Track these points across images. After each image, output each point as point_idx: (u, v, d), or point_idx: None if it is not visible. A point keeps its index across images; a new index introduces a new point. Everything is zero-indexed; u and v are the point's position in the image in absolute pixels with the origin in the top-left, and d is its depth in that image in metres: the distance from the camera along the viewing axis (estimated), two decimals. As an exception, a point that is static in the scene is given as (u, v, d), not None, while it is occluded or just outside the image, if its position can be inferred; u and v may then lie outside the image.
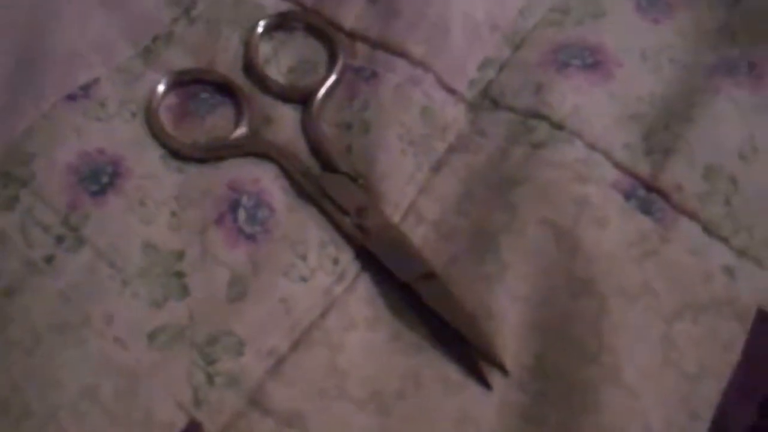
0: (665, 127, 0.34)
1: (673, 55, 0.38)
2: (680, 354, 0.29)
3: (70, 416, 0.27)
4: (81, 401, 0.27)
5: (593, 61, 0.36)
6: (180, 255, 0.31)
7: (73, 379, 0.28)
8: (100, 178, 0.33)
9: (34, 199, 0.32)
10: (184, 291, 0.31)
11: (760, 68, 0.36)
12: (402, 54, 0.37)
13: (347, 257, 0.32)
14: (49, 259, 0.30)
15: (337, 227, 0.33)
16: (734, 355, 0.29)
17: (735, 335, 0.30)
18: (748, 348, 0.30)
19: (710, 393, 0.29)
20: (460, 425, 0.28)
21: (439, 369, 0.30)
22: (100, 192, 0.32)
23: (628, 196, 0.32)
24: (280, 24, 0.39)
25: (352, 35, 0.38)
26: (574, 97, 0.35)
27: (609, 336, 0.29)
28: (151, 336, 0.29)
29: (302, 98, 0.36)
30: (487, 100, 0.36)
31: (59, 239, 0.31)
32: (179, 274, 0.31)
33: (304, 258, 0.32)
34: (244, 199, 0.33)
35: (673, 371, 0.29)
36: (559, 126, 0.34)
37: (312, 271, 0.32)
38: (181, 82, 0.37)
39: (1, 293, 0.30)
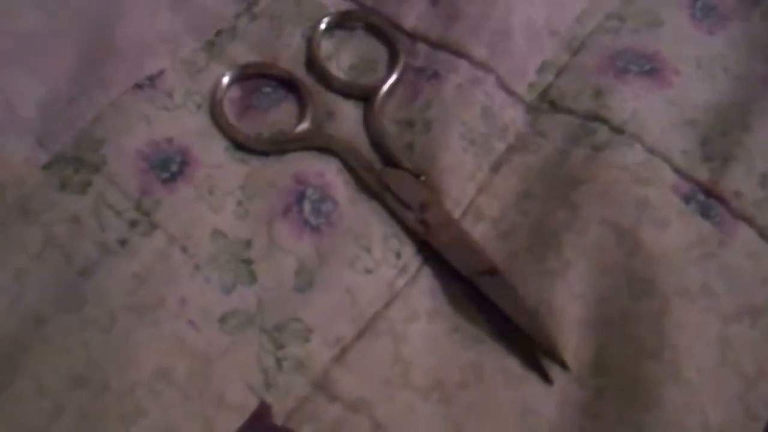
0: (722, 134, 0.35)
1: (726, 64, 0.39)
2: (738, 355, 0.30)
3: (147, 393, 0.28)
4: (156, 380, 0.28)
5: (650, 68, 0.37)
6: (248, 243, 0.33)
7: (149, 358, 0.29)
8: (169, 166, 0.34)
9: (107, 184, 0.33)
10: (253, 278, 0.32)
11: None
12: (464, 55, 0.38)
13: (410, 251, 0.33)
14: (123, 242, 0.31)
15: (400, 221, 0.34)
16: None
17: (792, 337, 0.31)
18: (804, 352, 0.30)
19: (767, 394, 0.29)
20: (521, 417, 0.29)
21: (500, 361, 0.31)
22: (171, 179, 0.33)
23: (687, 199, 0.33)
24: (341, 22, 0.40)
25: (413, 35, 0.39)
26: (633, 102, 0.36)
27: (669, 334, 0.30)
28: (222, 320, 0.30)
29: (364, 95, 0.37)
30: (546, 102, 0.37)
31: (132, 223, 0.32)
32: (247, 262, 0.32)
33: (368, 250, 0.33)
34: (309, 192, 0.34)
35: (731, 371, 0.30)
36: (619, 130, 0.35)
37: (376, 263, 0.33)
38: (244, 76, 0.38)
39: (77, 273, 0.31)
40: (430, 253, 0.33)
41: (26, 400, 0.28)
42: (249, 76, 0.38)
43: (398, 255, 0.33)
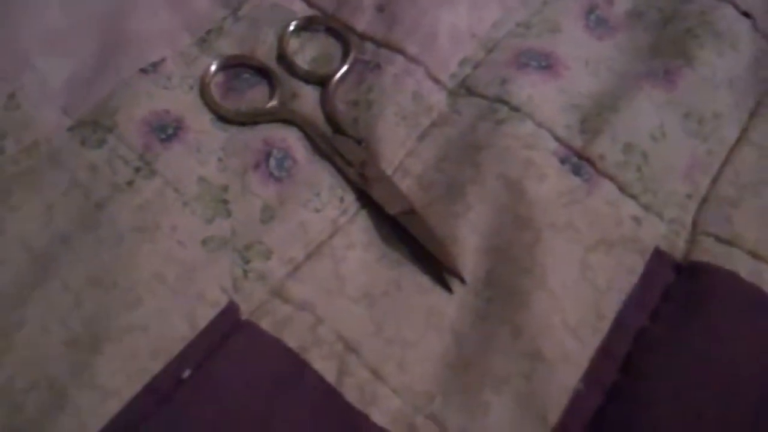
0: (597, 114, 0.44)
1: (610, 65, 0.47)
2: (594, 274, 0.38)
3: (145, 290, 0.36)
4: (153, 280, 0.37)
5: (546, 64, 0.46)
6: (225, 188, 0.41)
7: (148, 266, 0.37)
8: (167, 129, 0.42)
9: (118, 141, 0.41)
10: (228, 213, 0.40)
11: (673, 75, 0.45)
12: (400, 51, 0.46)
13: (350, 197, 0.42)
14: (130, 183, 0.40)
15: (344, 176, 0.42)
16: (634, 278, 0.39)
17: (636, 264, 0.39)
18: (645, 274, 0.39)
19: (614, 302, 0.38)
20: (428, 317, 0.37)
21: (415, 278, 0.39)
22: (167, 139, 0.42)
23: (563, 161, 0.42)
24: (306, 25, 0.49)
25: (363, 36, 0.48)
26: (529, 89, 0.44)
27: (540, 256, 0.38)
28: (204, 242, 0.39)
29: (321, 81, 0.46)
30: (464, 89, 0.46)
31: (137, 170, 0.40)
32: (224, 201, 0.40)
33: (318, 195, 0.41)
34: (275, 152, 0.42)
35: (588, 285, 0.38)
36: (516, 109, 0.43)
37: (324, 205, 0.41)
38: (228, 65, 0.46)
39: (94, 205, 0.39)
40: (366, 200, 0.41)
41: (54, 295, 0.36)
42: (231, 65, 0.46)
43: (341, 200, 0.41)
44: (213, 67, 0.46)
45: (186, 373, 0.35)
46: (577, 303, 0.37)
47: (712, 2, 0.49)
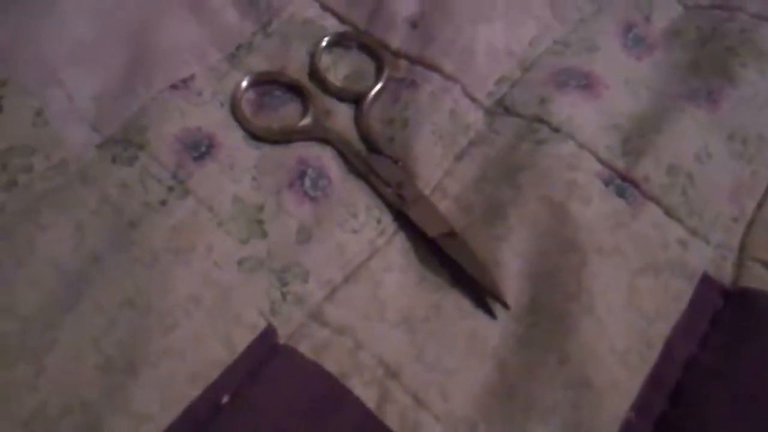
0: (639, 135, 0.43)
1: (649, 83, 0.47)
2: (641, 299, 0.37)
3: (181, 313, 0.35)
4: (188, 303, 0.36)
5: (586, 83, 0.45)
6: (260, 207, 0.40)
7: (183, 288, 0.36)
8: (199, 147, 0.41)
9: (150, 159, 0.40)
10: (264, 233, 0.39)
11: (716, 95, 0.45)
12: (436, 69, 0.46)
13: (388, 218, 0.41)
14: (163, 203, 0.39)
15: (381, 196, 0.41)
16: (682, 305, 0.38)
17: (684, 290, 0.38)
18: (693, 300, 0.38)
19: (662, 330, 0.37)
20: (471, 343, 0.36)
21: (456, 302, 0.38)
22: (200, 157, 0.41)
23: (607, 183, 0.41)
24: (338, 41, 0.48)
25: (397, 53, 0.47)
26: (569, 109, 0.43)
27: (586, 281, 0.37)
28: (240, 262, 0.38)
29: (355, 98, 0.45)
30: (501, 108, 0.45)
31: (170, 189, 0.39)
32: (260, 221, 0.39)
33: (354, 216, 0.40)
34: (309, 171, 0.42)
35: (635, 311, 0.37)
36: (556, 129, 0.43)
37: (361, 225, 0.40)
38: (259, 81, 0.46)
39: (126, 225, 0.38)
40: (404, 220, 0.40)
41: (87, 317, 0.35)
42: (263, 81, 0.46)
43: (379, 221, 0.41)
44: (244, 84, 0.45)
45: (225, 399, 0.33)
46: (624, 330, 0.36)
47: (753, 20, 0.48)
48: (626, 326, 0.37)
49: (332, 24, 0.49)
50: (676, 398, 0.35)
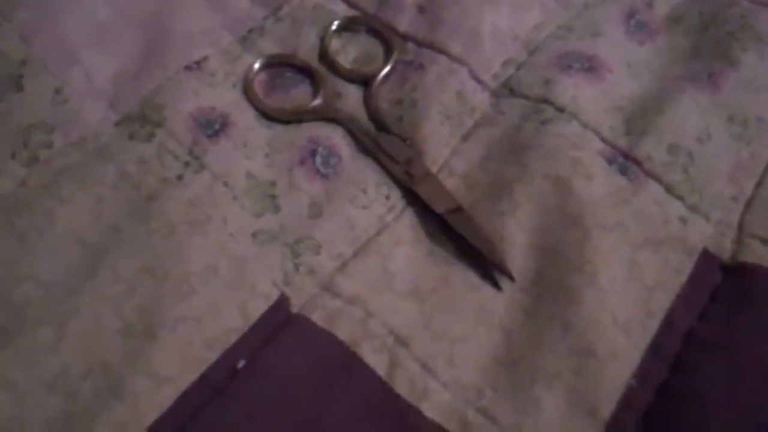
0: (642, 116, 0.44)
1: (651, 67, 0.48)
2: (642, 272, 0.38)
3: (198, 281, 0.37)
4: (206, 273, 0.37)
5: (589, 66, 0.46)
6: (272, 183, 0.41)
7: (200, 258, 0.37)
8: (213, 125, 0.43)
9: (166, 136, 0.41)
10: (277, 208, 0.40)
11: (716, 77, 0.46)
12: (443, 52, 0.47)
13: (397, 194, 0.42)
14: (180, 177, 0.40)
15: (389, 173, 0.42)
16: (683, 278, 0.39)
17: (684, 264, 0.39)
18: (693, 274, 0.39)
19: (663, 301, 0.38)
20: (477, 313, 0.38)
21: (463, 274, 0.39)
22: (214, 135, 0.42)
23: (610, 161, 0.42)
24: (348, 26, 0.49)
25: (404, 36, 0.48)
26: (573, 90, 0.45)
27: (589, 254, 0.38)
28: (254, 235, 0.39)
29: (364, 80, 0.46)
30: (507, 89, 0.46)
31: (186, 164, 0.41)
32: (272, 196, 0.41)
33: (364, 192, 0.41)
34: (320, 149, 0.43)
35: (636, 283, 0.38)
36: (561, 110, 0.44)
37: (370, 201, 0.41)
38: (270, 64, 0.47)
39: (144, 198, 0.39)
40: (412, 197, 0.41)
41: (106, 284, 0.36)
42: (274, 64, 0.47)
43: (388, 197, 0.42)
44: (256, 66, 0.46)
45: (241, 364, 0.35)
46: (626, 301, 0.38)
47: (753, 6, 0.50)
48: (628, 298, 0.38)
49: (341, 8, 0.50)
50: (675, 368, 0.36)
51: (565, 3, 0.51)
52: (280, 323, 0.36)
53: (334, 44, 0.48)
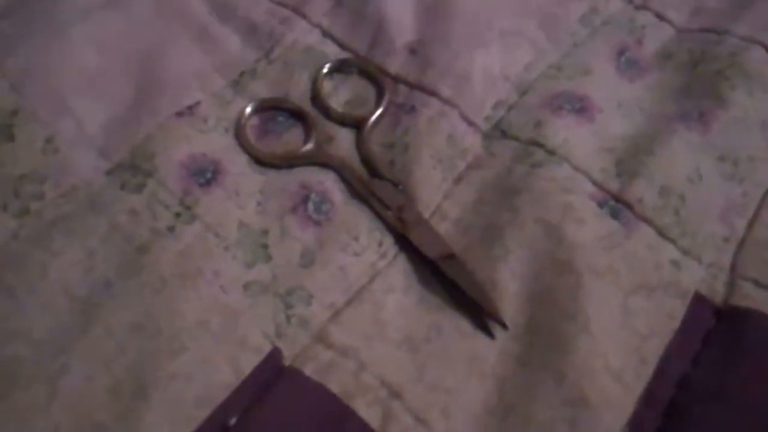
0: (633, 157, 0.44)
1: (642, 105, 0.48)
2: (635, 319, 0.38)
3: (189, 337, 0.37)
4: (196, 327, 0.37)
5: (580, 107, 0.46)
6: (265, 232, 0.41)
7: (192, 312, 0.37)
8: (205, 173, 0.43)
9: (157, 185, 0.41)
10: (269, 258, 0.40)
11: (707, 116, 0.46)
12: (434, 94, 0.47)
13: (389, 241, 0.42)
14: (171, 228, 0.40)
15: (382, 219, 0.42)
16: (676, 323, 0.39)
17: (677, 309, 0.39)
18: (686, 319, 0.39)
19: (656, 347, 0.38)
20: (470, 363, 0.37)
21: (456, 322, 0.39)
22: (206, 183, 0.42)
23: (601, 204, 0.42)
24: (339, 68, 0.49)
25: (396, 78, 0.48)
26: (564, 132, 0.45)
27: (581, 302, 0.38)
28: (246, 286, 0.39)
29: (356, 123, 0.46)
30: (498, 131, 0.46)
31: (177, 215, 0.41)
32: (264, 246, 0.41)
33: (357, 239, 0.41)
34: (313, 195, 0.43)
35: (630, 330, 0.38)
36: (552, 152, 0.44)
37: (363, 248, 0.41)
38: (262, 107, 0.47)
39: (135, 251, 0.39)
40: (405, 243, 0.41)
41: (98, 341, 0.36)
42: (266, 107, 0.47)
43: (380, 244, 0.42)
44: (248, 110, 0.46)
45: (232, 421, 0.35)
46: (619, 348, 0.38)
47: (742, 43, 0.50)
48: (621, 345, 0.38)
49: (333, 50, 0.50)
50: (669, 415, 0.36)
51: (556, 41, 0.51)
52: (272, 377, 0.36)
53: (326, 87, 0.48)
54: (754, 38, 0.50)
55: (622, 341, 0.38)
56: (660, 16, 0.53)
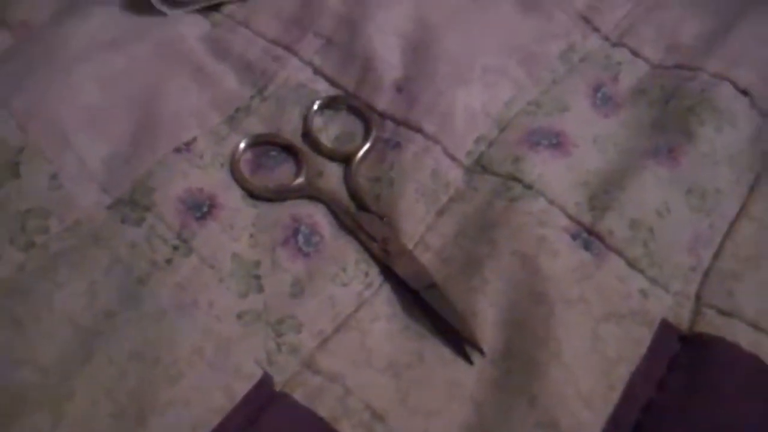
0: (605, 191, 0.47)
1: (616, 140, 0.50)
2: (605, 345, 0.41)
3: (186, 364, 0.39)
4: (192, 355, 0.39)
5: (557, 142, 0.49)
6: (257, 264, 0.44)
7: (188, 341, 0.40)
8: (202, 207, 0.45)
9: (156, 219, 0.44)
10: (261, 288, 0.43)
11: (676, 152, 0.48)
12: (419, 130, 0.49)
13: (375, 271, 0.44)
14: (169, 261, 0.43)
15: (368, 251, 0.45)
16: (643, 349, 0.41)
17: (644, 336, 0.42)
18: (652, 345, 0.41)
19: (624, 373, 0.40)
20: (450, 388, 0.40)
21: (437, 350, 0.41)
22: (202, 217, 0.45)
23: (574, 237, 0.45)
24: (329, 104, 0.52)
25: (383, 115, 0.51)
26: (540, 167, 0.47)
27: (554, 330, 0.40)
28: (239, 316, 0.41)
29: (344, 159, 0.49)
30: (479, 166, 0.49)
31: (175, 248, 0.43)
32: (257, 277, 0.43)
33: (344, 270, 0.44)
34: (302, 228, 0.45)
35: (599, 356, 0.40)
36: (529, 187, 0.46)
37: (350, 279, 0.44)
38: (256, 143, 0.50)
39: (135, 282, 0.42)
40: (389, 273, 0.44)
41: (100, 368, 0.38)
42: (259, 143, 0.50)
43: (366, 274, 0.44)
44: (242, 145, 0.49)
45: (226, 443, 0.37)
46: (589, 374, 0.40)
47: (712, 80, 0.52)
48: (591, 370, 0.40)
49: (323, 87, 0.53)
50: None
51: (536, 78, 0.53)
52: (263, 402, 0.39)
53: (317, 122, 0.51)
54: (724, 75, 0.53)
55: (591, 367, 0.40)
56: (635, 53, 0.56)
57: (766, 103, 0.52)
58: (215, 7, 0.57)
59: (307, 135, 0.50)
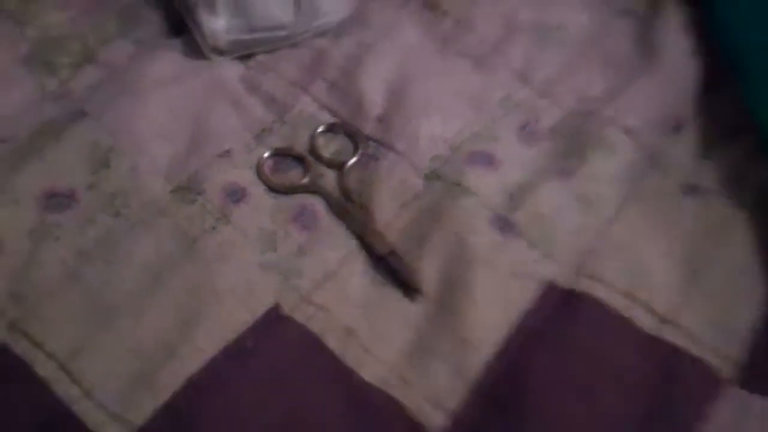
0: (519, 195, 0.65)
1: (533, 163, 0.68)
2: (507, 294, 0.59)
3: (225, 295, 0.59)
4: (229, 291, 0.59)
5: (489, 162, 0.68)
6: (274, 233, 0.62)
7: (225, 281, 0.59)
8: (236, 195, 0.64)
9: (205, 201, 0.63)
10: (275, 249, 0.61)
11: (573, 171, 0.67)
12: (392, 149, 0.68)
13: (354, 243, 0.63)
14: (213, 228, 0.61)
15: (350, 229, 0.64)
16: (534, 297, 0.61)
17: (535, 289, 0.60)
18: (542, 295, 0.60)
19: (520, 311, 0.59)
20: (400, 315, 0.58)
21: (393, 294, 0.59)
22: (237, 201, 0.64)
23: (493, 223, 0.63)
24: (329, 129, 0.71)
25: (368, 138, 0.70)
26: (476, 178, 0.66)
27: (473, 283, 0.59)
28: (260, 265, 0.60)
29: (339, 166, 0.68)
30: (435, 176, 0.67)
31: (218, 219, 0.62)
32: (274, 241, 0.62)
33: (334, 241, 0.63)
34: (306, 212, 0.64)
35: (502, 300, 0.59)
36: (467, 190, 0.65)
37: (337, 247, 0.62)
38: (276, 153, 0.69)
39: (190, 241, 0.61)
40: (364, 244, 0.62)
41: (165, 297, 0.58)
42: (278, 154, 0.69)
43: (348, 244, 0.63)
44: (266, 155, 0.68)
45: (250, 344, 0.56)
46: (495, 311, 0.59)
47: (606, 123, 0.72)
48: (496, 310, 0.59)
49: (326, 117, 0.72)
50: (524, 351, 0.57)
51: (480, 116, 0.72)
52: (274, 320, 0.58)
53: (320, 141, 0.70)
54: (614, 119, 0.72)
55: (497, 307, 0.59)
56: (554, 103, 0.75)
57: (644, 140, 0.71)
58: (249, 56, 0.77)
59: (313, 150, 0.69)
